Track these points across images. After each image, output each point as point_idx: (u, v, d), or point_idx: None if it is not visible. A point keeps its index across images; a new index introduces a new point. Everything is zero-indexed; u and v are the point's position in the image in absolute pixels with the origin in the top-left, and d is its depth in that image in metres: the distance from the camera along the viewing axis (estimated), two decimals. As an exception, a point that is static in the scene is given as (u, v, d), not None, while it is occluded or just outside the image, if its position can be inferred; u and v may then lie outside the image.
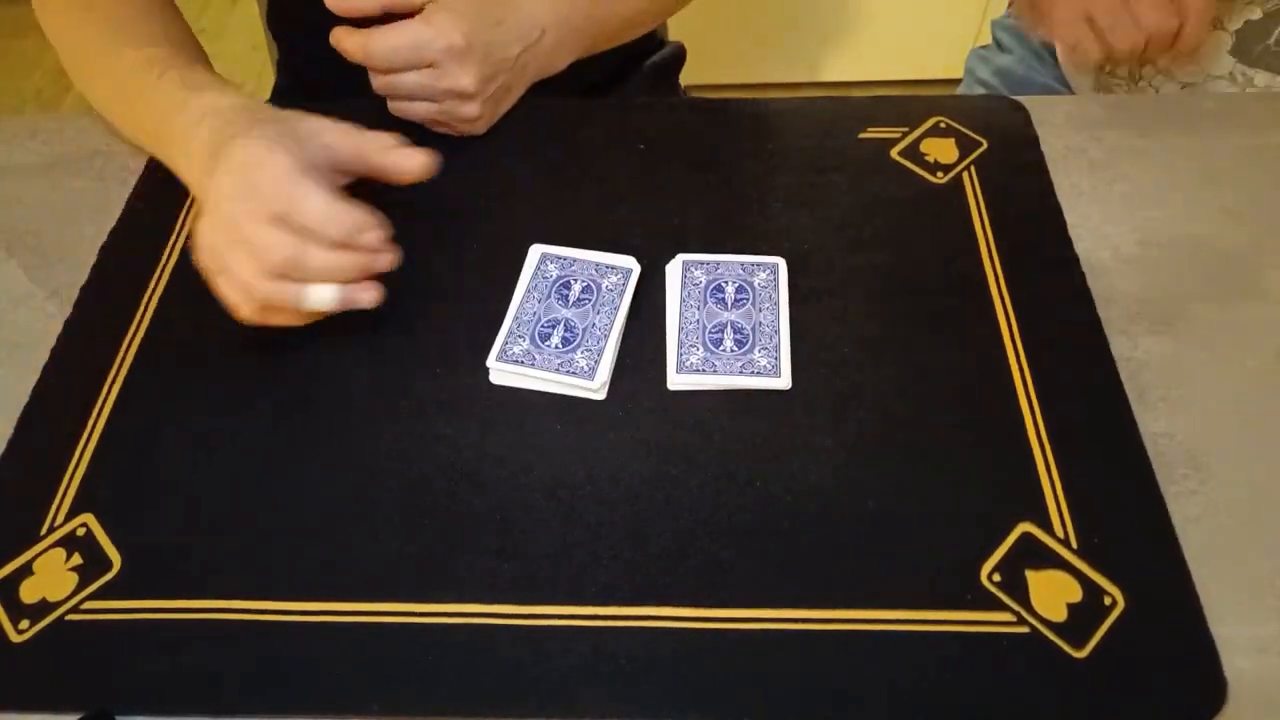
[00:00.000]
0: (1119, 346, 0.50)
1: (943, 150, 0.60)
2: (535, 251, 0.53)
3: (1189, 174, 0.59)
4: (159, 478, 0.47)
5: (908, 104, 0.63)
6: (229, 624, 0.42)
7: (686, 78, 0.89)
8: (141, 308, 0.54)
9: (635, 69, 0.81)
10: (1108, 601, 0.42)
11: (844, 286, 0.53)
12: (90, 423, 0.49)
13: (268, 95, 0.78)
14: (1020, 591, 0.42)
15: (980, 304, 0.52)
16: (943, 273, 0.54)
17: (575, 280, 0.52)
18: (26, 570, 0.44)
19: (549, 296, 0.51)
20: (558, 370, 0.48)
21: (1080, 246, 0.55)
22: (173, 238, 0.57)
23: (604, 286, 0.51)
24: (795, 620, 0.42)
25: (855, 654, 0.41)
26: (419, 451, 0.47)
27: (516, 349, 0.49)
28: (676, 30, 0.88)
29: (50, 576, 0.44)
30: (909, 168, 0.59)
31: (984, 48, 0.86)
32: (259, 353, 0.52)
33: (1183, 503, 0.45)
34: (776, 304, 0.51)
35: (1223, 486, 0.45)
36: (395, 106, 0.59)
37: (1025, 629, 0.41)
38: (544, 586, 0.43)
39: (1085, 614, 0.41)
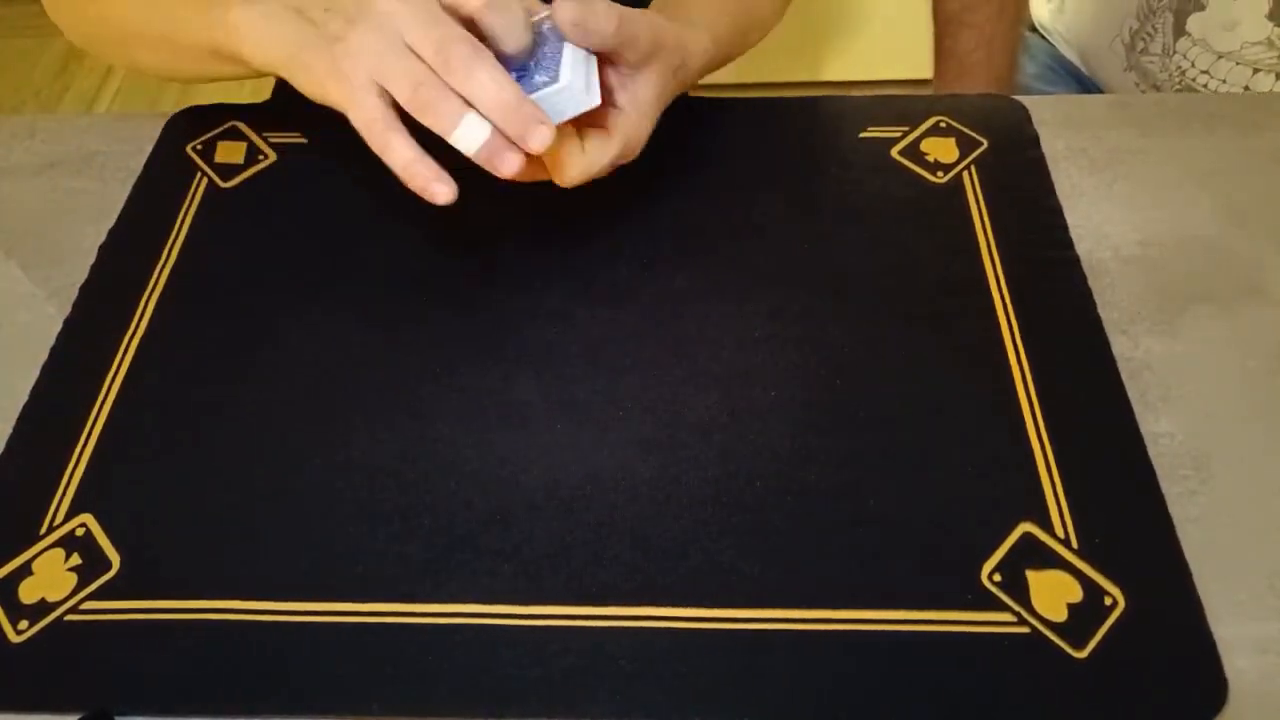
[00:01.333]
0: (1119, 346, 0.50)
1: (943, 150, 0.60)
2: None
3: (1189, 174, 0.59)
4: (158, 478, 0.47)
5: (908, 104, 0.63)
6: (229, 624, 0.42)
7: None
8: (141, 308, 0.54)
9: None
10: (1108, 602, 0.42)
11: (844, 286, 0.53)
12: (90, 423, 0.49)
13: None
14: (1021, 591, 0.42)
15: (980, 304, 0.52)
16: (943, 273, 0.54)
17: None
18: (25, 570, 0.44)
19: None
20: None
21: (1080, 246, 0.55)
22: (172, 237, 0.57)
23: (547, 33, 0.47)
24: (795, 620, 0.42)
25: (855, 654, 0.41)
26: (419, 451, 0.47)
27: None
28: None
29: (49, 576, 0.44)
30: (909, 167, 0.59)
31: None
32: (259, 352, 0.52)
33: (1183, 503, 0.45)
34: (560, 38, 0.46)
35: (1223, 487, 0.45)
36: None
37: (1026, 629, 0.41)
38: (544, 586, 0.43)
39: (1086, 614, 0.41)
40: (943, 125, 0.61)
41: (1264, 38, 0.72)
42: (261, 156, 0.61)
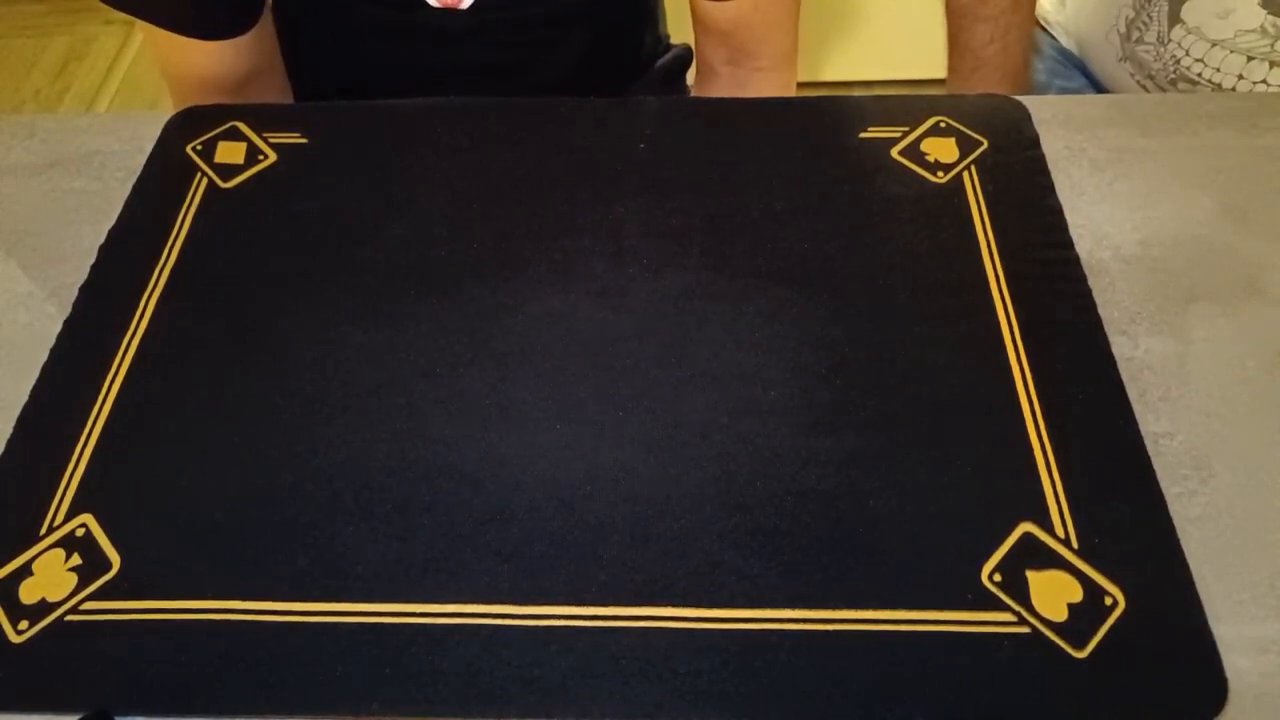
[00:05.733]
0: (1119, 346, 0.50)
1: (943, 150, 0.60)
2: None
3: (1189, 174, 0.59)
4: (159, 478, 0.47)
5: (908, 104, 0.63)
6: (229, 624, 0.42)
7: (690, 79, 0.89)
8: (141, 308, 0.54)
9: (644, 73, 0.81)
10: (1108, 601, 0.42)
11: (844, 286, 0.53)
12: (90, 423, 0.49)
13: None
14: (1021, 591, 0.42)
15: (980, 304, 0.52)
16: (943, 273, 0.54)
17: None
18: (26, 571, 0.44)
19: None
20: None
21: (1080, 246, 0.54)
22: (172, 237, 0.57)
23: None
24: (795, 620, 0.42)
25: (855, 654, 0.41)
26: (419, 451, 0.47)
27: None
28: (681, 33, 0.88)
29: (49, 577, 0.44)
30: (909, 167, 0.59)
31: None
32: (259, 353, 0.52)
33: (1183, 503, 0.45)
34: None
35: (1223, 487, 0.45)
36: None
37: (1026, 629, 0.41)
38: (544, 586, 0.43)
39: (1086, 614, 0.41)
40: (943, 125, 0.61)
41: (1258, 25, 0.72)
42: (261, 156, 0.61)
